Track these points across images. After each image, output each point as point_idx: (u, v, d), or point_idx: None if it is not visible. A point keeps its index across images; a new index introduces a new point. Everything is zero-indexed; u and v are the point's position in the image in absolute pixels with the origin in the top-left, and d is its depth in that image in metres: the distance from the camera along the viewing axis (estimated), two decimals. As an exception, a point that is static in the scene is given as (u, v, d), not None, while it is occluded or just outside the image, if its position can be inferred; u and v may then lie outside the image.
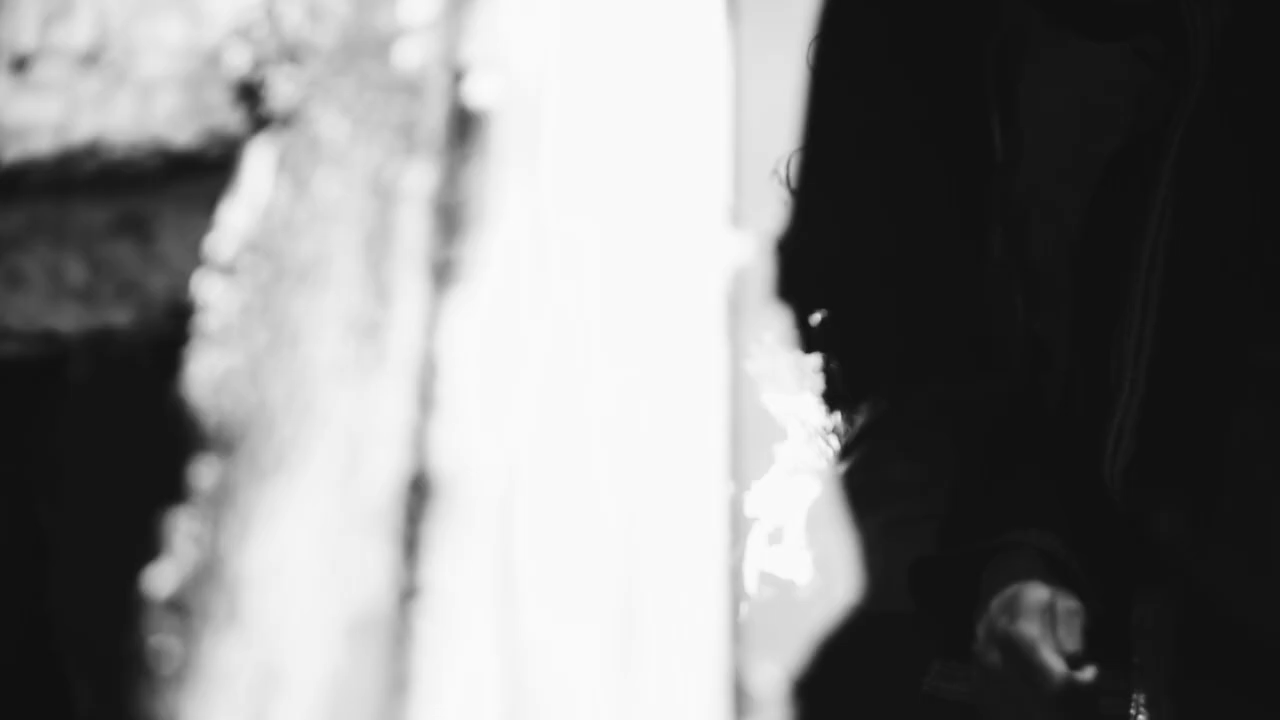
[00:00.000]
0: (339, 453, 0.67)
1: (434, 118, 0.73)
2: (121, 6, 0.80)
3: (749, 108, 0.79)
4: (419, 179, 0.72)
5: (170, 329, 0.78)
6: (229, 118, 0.76)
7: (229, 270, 0.71)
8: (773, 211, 1.77)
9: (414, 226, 0.71)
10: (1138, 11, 1.43)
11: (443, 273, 0.71)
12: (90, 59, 0.78)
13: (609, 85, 0.76)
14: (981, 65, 2.02)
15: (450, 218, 0.72)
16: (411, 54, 0.75)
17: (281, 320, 0.70)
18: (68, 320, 0.81)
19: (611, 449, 0.70)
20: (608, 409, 0.71)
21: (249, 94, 0.75)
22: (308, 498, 0.66)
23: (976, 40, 2.00)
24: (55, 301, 0.81)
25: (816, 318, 2.28)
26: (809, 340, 2.30)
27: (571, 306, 0.71)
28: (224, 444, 0.68)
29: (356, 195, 0.73)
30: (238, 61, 0.76)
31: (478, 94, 0.73)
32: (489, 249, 0.71)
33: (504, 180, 0.72)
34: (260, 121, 0.75)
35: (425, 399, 0.68)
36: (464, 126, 0.73)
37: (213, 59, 0.78)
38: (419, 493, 0.66)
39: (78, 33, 0.78)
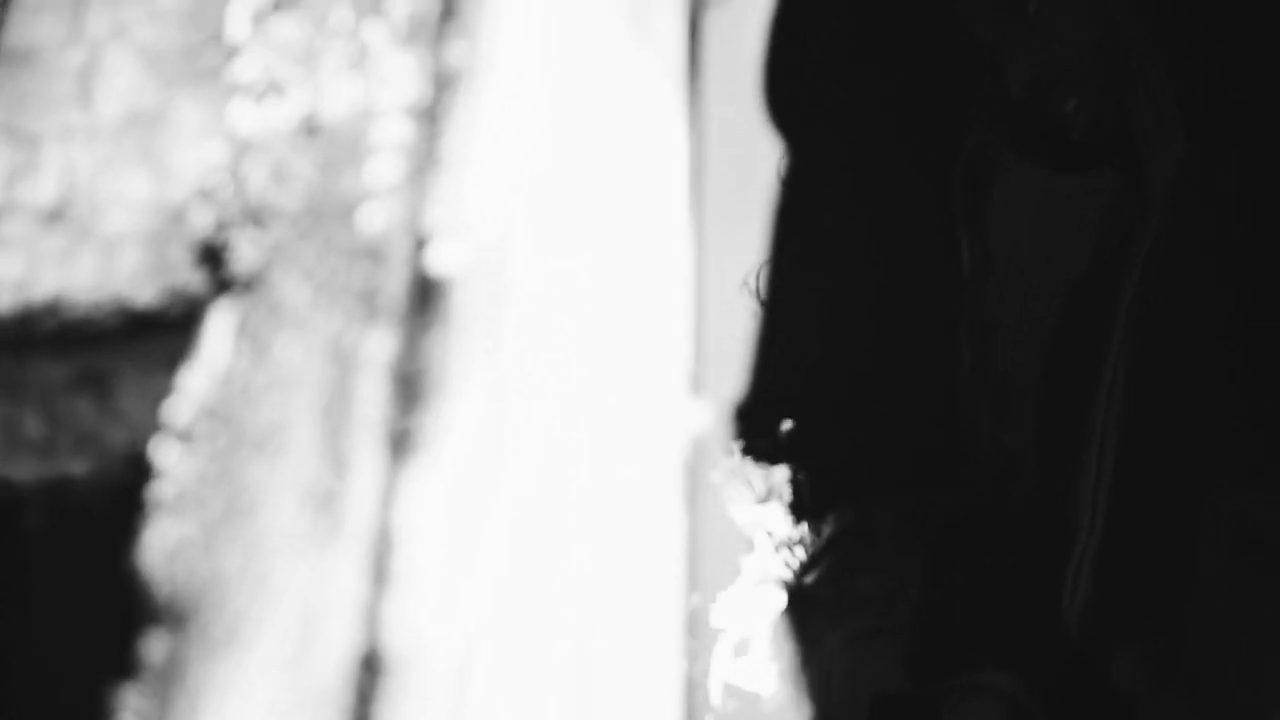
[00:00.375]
0: (292, 628, 0.67)
1: (396, 284, 0.73)
2: (88, 161, 0.80)
3: (711, 278, 0.80)
4: (379, 346, 0.72)
5: (129, 479, 0.78)
6: (191, 277, 0.76)
7: (186, 437, 0.71)
8: (734, 380, 1.77)
9: (373, 394, 0.71)
10: (1094, 148, 1.45)
11: (401, 442, 0.71)
12: (54, 216, 0.77)
13: (574, 253, 0.76)
14: (950, 180, 2.03)
15: (410, 386, 0.71)
16: (375, 218, 0.75)
17: (237, 489, 0.70)
18: (24, 471, 0.80)
19: (572, 621, 0.70)
20: (569, 580, 0.70)
21: (212, 255, 0.75)
22: (259, 675, 0.65)
23: (946, 155, 2.01)
24: (11, 452, 0.80)
25: (784, 428, 2.28)
26: (776, 451, 2.30)
27: (533, 476, 0.71)
28: (176, 617, 0.67)
29: (316, 361, 0.72)
30: (201, 221, 0.76)
31: (441, 260, 0.74)
32: (449, 419, 0.71)
33: (466, 348, 0.72)
34: (222, 284, 0.75)
35: (380, 573, 0.68)
36: (426, 293, 0.73)
37: (177, 217, 0.78)
38: (371, 671, 0.66)
39: (43, 189, 0.78)
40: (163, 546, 0.69)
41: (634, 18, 0.83)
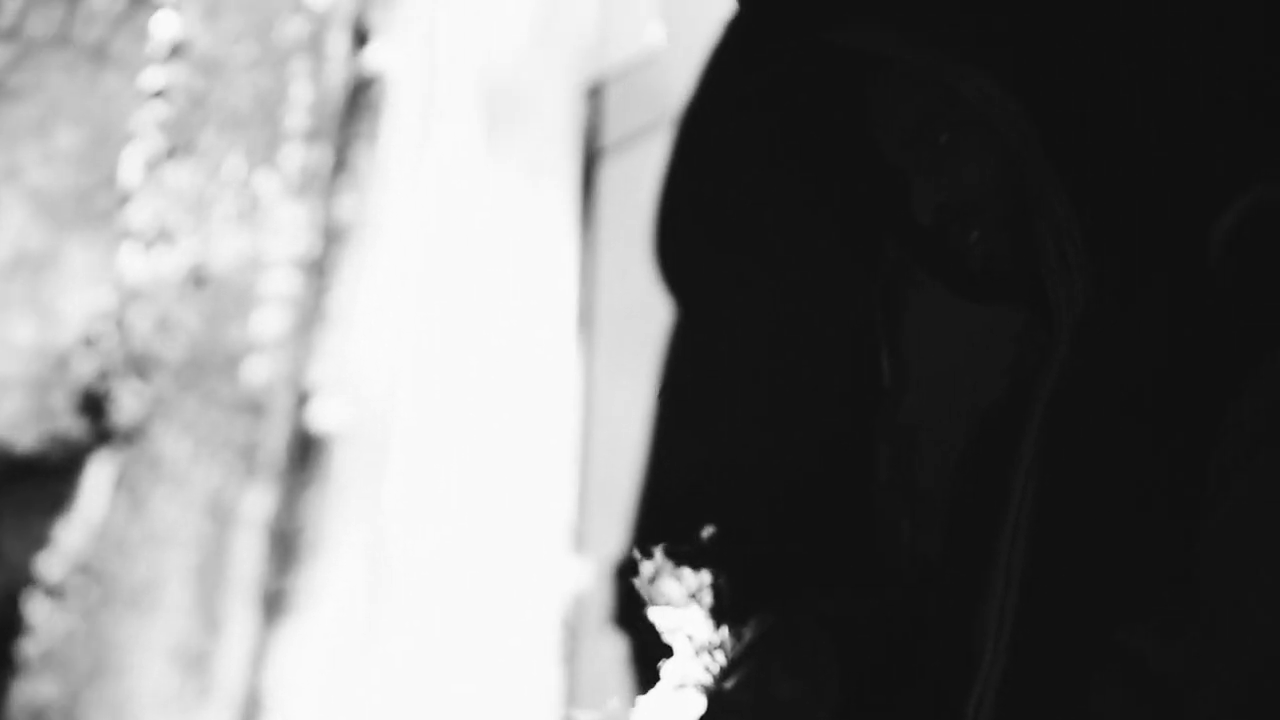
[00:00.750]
0: (155, 795, 0.66)
1: (277, 440, 0.73)
2: (-26, 302, 0.79)
3: (597, 434, 0.80)
4: (258, 503, 0.72)
5: (7, 620, 0.77)
6: (72, 425, 0.76)
7: (58, 593, 0.70)
8: (617, 537, 1.78)
9: (249, 553, 0.71)
10: (998, 279, 1.47)
11: (275, 603, 0.70)
12: (-64, 359, 0.77)
13: (459, 409, 0.76)
14: (870, 293, 2.05)
15: (287, 545, 0.71)
16: (259, 372, 0.75)
17: (107, 648, 0.69)
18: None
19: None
20: (439, 741, 0.70)
21: (93, 404, 0.75)
22: (118, 844, 0.65)
23: (865, 268, 2.03)
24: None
25: (705, 533, 2.27)
26: (697, 556, 2.29)
27: (409, 638, 0.71)
28: (37, 782, 0.66)
29: (194, 517, 0.72)
30: (85, 369, 0.76)
31: (323, 417, 0.73)
32: (324, 579, 0.71)
33: (344, 507, 0.72)
34: (103, 433, 0.74)
35: (248, 737, 0.67)
36: (306, 450, 0.73)
37: (61, 363, 0.77)
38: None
39: (-75, 332, 0.78)
40: (28, 708, 0.68)
41: (530, 168, 0.84)
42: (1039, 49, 1.36)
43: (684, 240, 1.42)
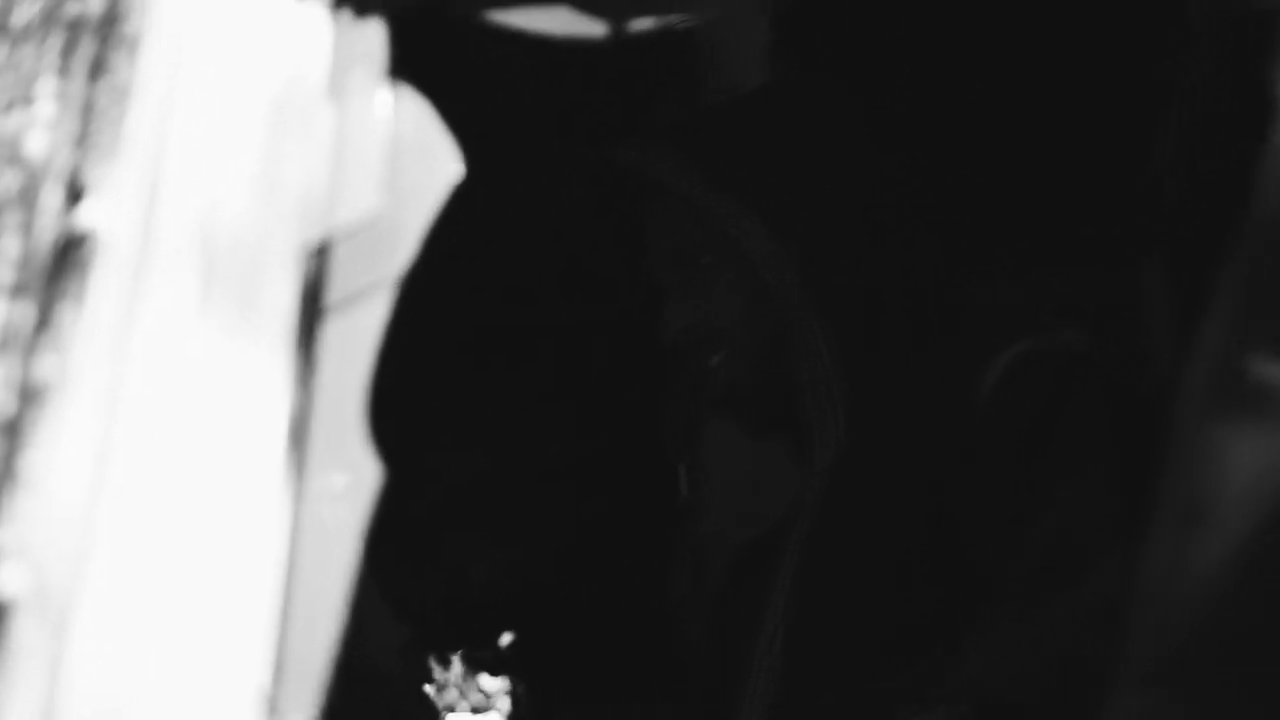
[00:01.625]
0: None
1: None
2: None
3: (299, 606, 0.79)
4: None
5: None
6: None
7: None
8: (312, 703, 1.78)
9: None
10: (747, 410, 1.51)
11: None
12: None
13: (153, 581, 0.76)
14: (670, 407, 2.07)
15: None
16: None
17: None
18: None
19: None
20: None
21: None
22: None
23: (666, 382, 2.06)
24: None
25: (504, 641, 2.27)
26: (496, 663, 2.29)
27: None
28: None
29: None
30: None
31: (5, 583, 0.72)
32: (-8, 754, 0.69)
33: (21, 677, 0.71)
34: None
35: None
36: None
37: None
38: None
39: None
40: None
41: (247, 328, 0.83)
42: (806, 198, 1.40)
43: (410, 396, 1.44)
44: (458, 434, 1.99)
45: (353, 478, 0.87)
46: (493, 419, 2.02)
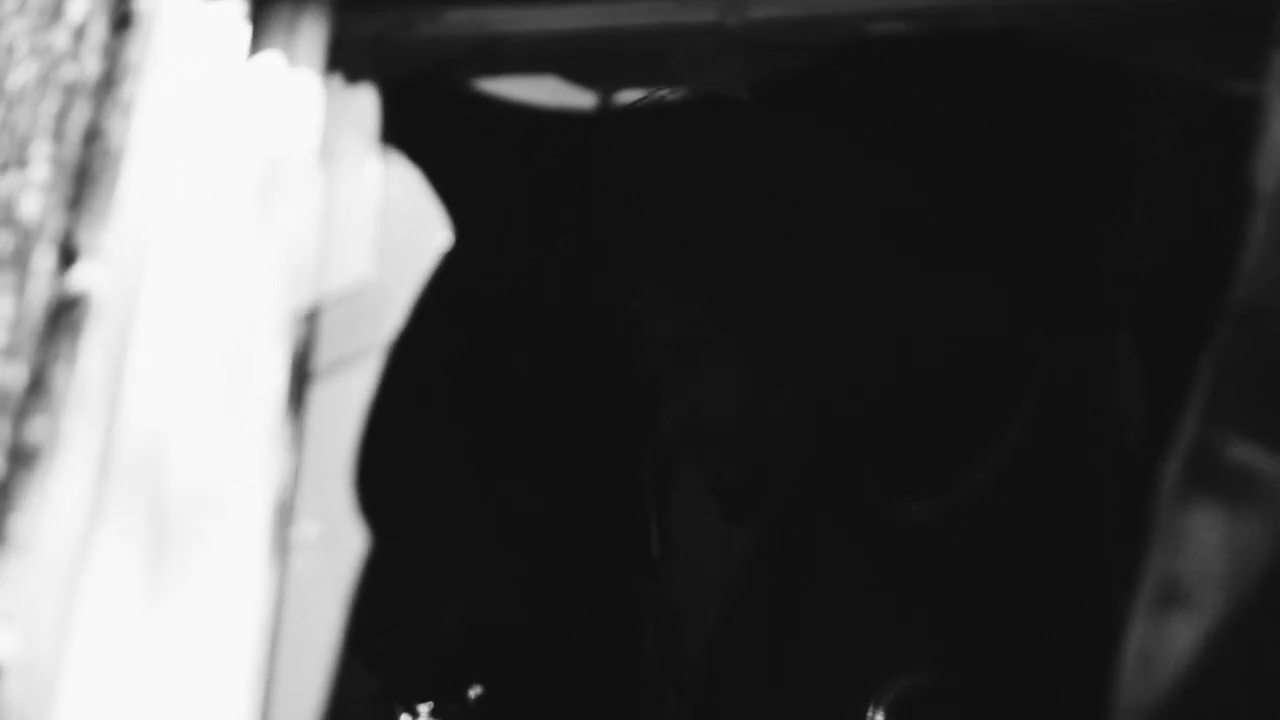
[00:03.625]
0: None
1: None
2: None
3: (285, 675, 0.80)
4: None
5: None
6: None
7: None
8: None
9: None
10: (731, 501, 1.54)
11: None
12: None
13: (137, 646, 0.76)
14: (639, 470, 2.09)
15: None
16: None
17: None
18: None
19: None
20: None
21: None
22: None
23: (634, 446, 2.08)
24: None
25: (473, 693, 2.27)
26: (464, 716, 2.29)
27: None
28: None
29: None
30: None
31: (-9, 647, 0.72)
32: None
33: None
34: None
35: None
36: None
37: None
38: None
39: None
40: None
41: (231, 387, 0.84)
42: (803, 321, 1.41)
43: (398, 461, 1.45)
44: (432, 488, 2.00)
45: (326, 526, 0.87)
46: (466, 474, 2.04)
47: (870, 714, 1.36)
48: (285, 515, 0.84)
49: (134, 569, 0.78)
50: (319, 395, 0.86)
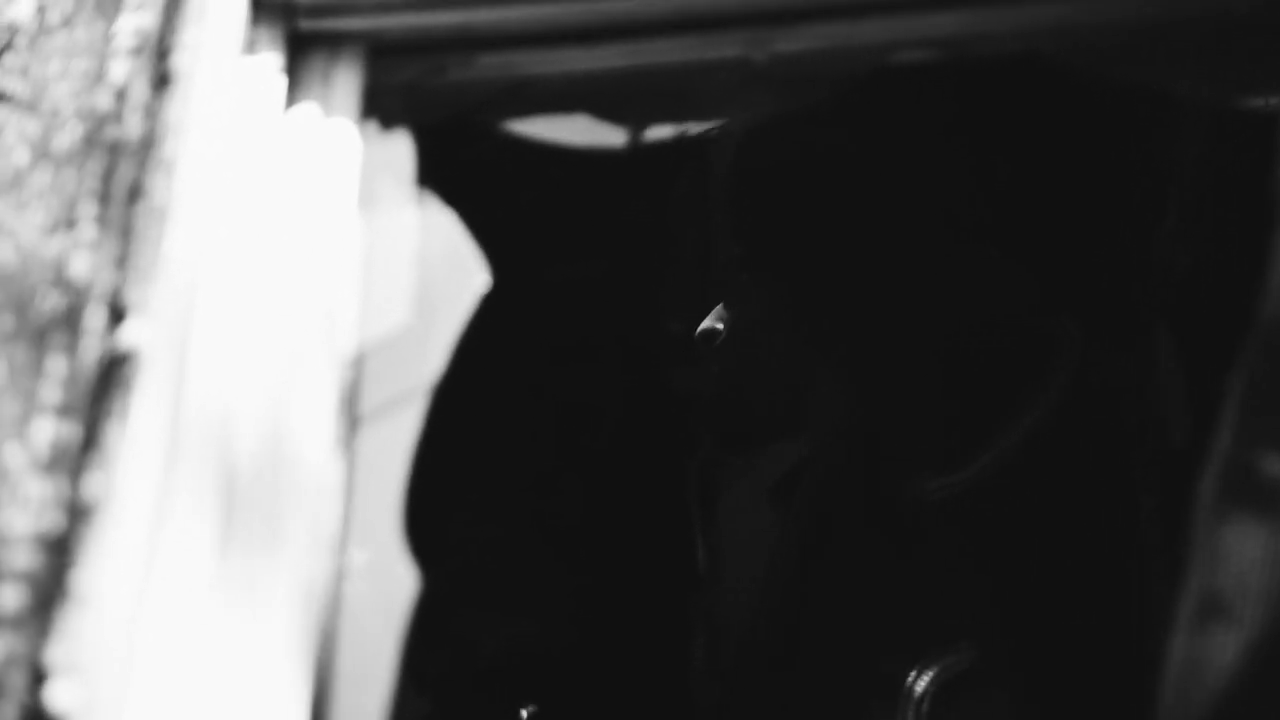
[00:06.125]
0: None
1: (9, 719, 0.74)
2: None
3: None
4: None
5: None
6: None
7: None
8: None
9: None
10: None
11: None
12: None
13: (194, 699, 0.78)
14: (684, 487, 2.10)
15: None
16: (-5, 652, 0.75)
17: None
18: None
19: None
20: None
21: None
22: None
23: (678, 464, 2.09)
24: None
25: (524, 715, 2.28)
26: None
27: None
28: None
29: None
30: None
31: (57, 700, 0.74)
32: None
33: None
34: None
35: None
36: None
37: None
38: None
39: None
40: None
41: (280, 434, 0.86)
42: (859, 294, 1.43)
43: (443, 500, 1.47)
44: (478, 514, 2.02)
45: (373, 554, 0.89)
46: (511, 498, 2.06)
47: (910, 686, 1.37)
48: (340, 561, 0.86)
49: (189, 616, 0.80)
50: (366, 437, 0.88)
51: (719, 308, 1.52)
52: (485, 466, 1.92)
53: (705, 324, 1.49)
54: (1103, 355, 1.51)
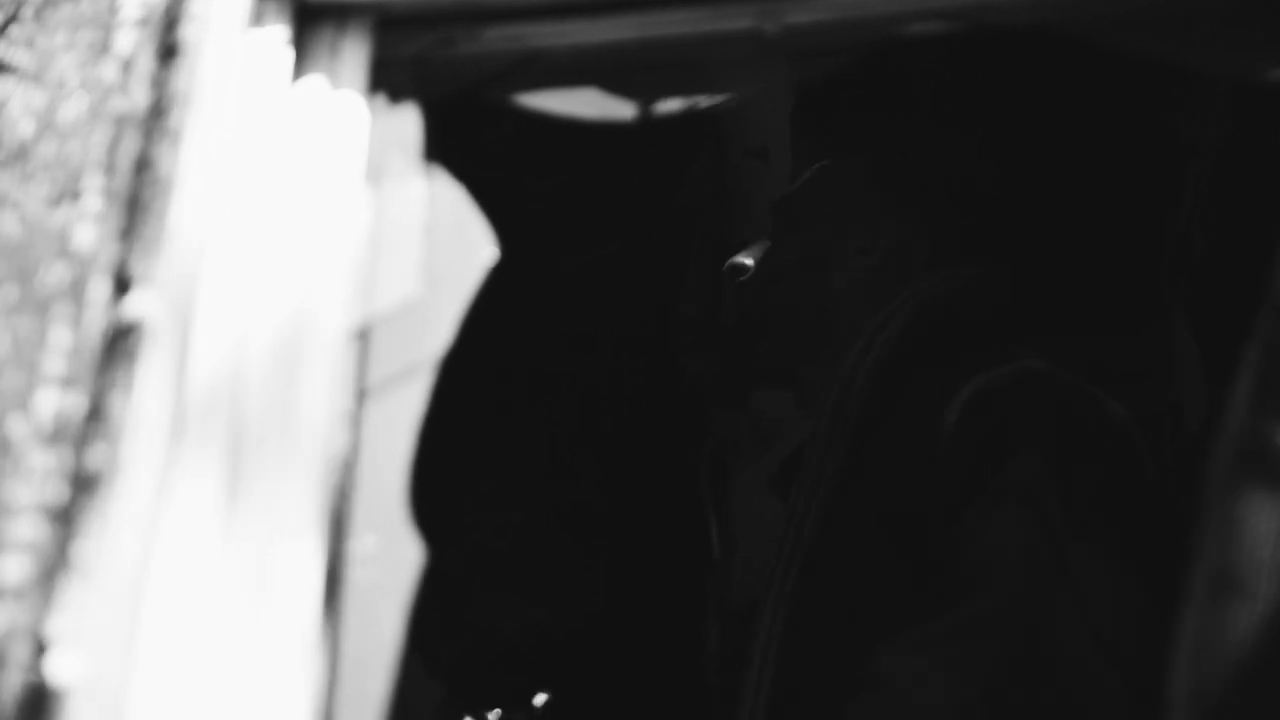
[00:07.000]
0: None
1: (8, 693, 0.73)
2: None
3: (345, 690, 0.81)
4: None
5: None
6: None
7: None
8: None
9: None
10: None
11: None
12: None
13: (197, 672, 0.77)
14: (697, 472, 2.10)
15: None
16: (-1, 622, 0.75)
17: None
18: None
19: None
20: None
21: None
22: None
23: (694, 446, 2.08)
24: None
25: (539, 700, 2.28)
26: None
27: None
28: None
29: (-80, 774, 0.72)
30: None
31: (59, 670, 0.74)
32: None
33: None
34: None
35: None
36: (38, 705, 0.73)
37: None
38: None
39: None
40: None
41: (285, 405, 0.85)
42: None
43: (449, 476, 1.46)
44: (489, 497, 2.01)
45: (385, 539, 0.88)
46: (523, 481, 2.05)
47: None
48: (341, 528, 0.85)
49: (192, 587, 0.79)
50: (372, 411, 0.88)
51: (754, 244, 1.51)
52: (494, 445, 1.92)
53: (735, 259, 1.48)
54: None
